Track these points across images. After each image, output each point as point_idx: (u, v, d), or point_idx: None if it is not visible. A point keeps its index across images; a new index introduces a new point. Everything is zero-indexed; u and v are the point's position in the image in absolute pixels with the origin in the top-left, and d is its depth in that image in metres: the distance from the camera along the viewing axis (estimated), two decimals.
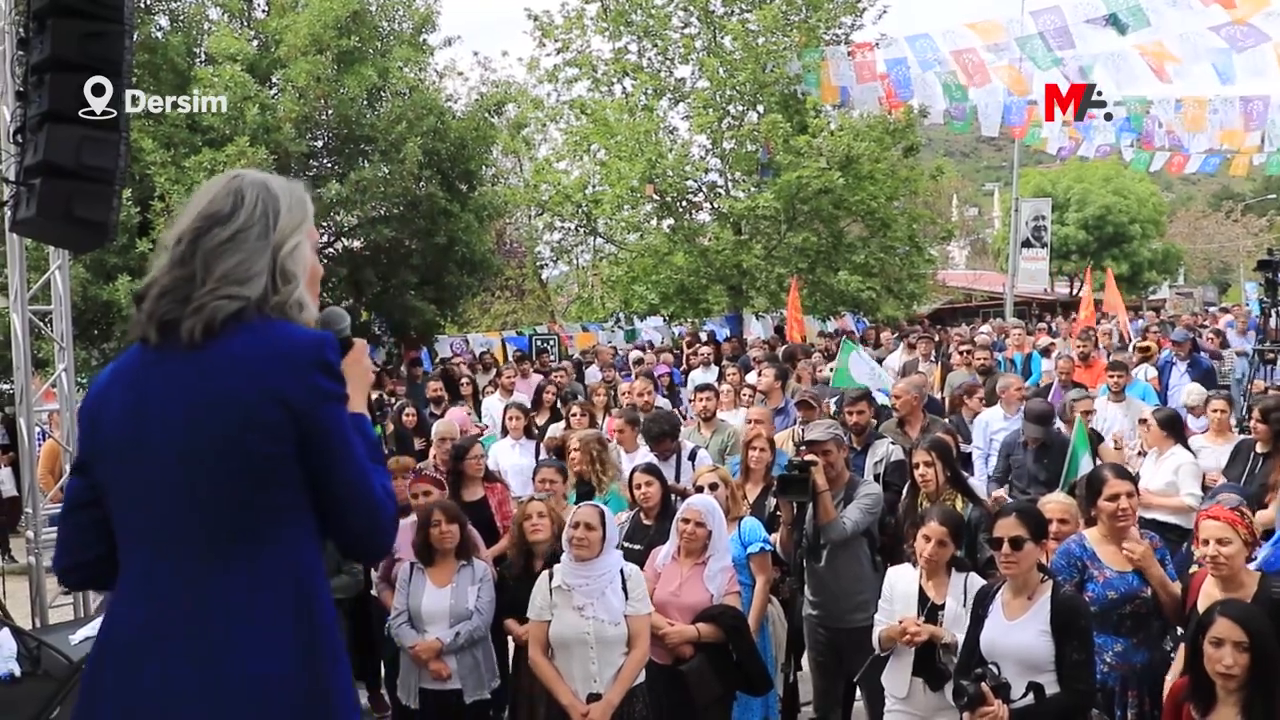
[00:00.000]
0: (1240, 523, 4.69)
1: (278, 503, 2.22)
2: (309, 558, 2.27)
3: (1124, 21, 16.82)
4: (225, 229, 2.29)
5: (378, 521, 2.30)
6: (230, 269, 2.25)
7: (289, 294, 2.32)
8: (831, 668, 6.11)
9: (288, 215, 2.37)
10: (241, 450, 2.17)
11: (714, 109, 22.49)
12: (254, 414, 2.16)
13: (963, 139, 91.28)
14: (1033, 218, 30.78)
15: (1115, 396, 9.78)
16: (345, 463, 2.25)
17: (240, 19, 17.47)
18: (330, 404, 2.25)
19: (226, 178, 2.40)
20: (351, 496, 2.26)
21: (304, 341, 2.25)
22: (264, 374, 2.19)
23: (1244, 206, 63.65)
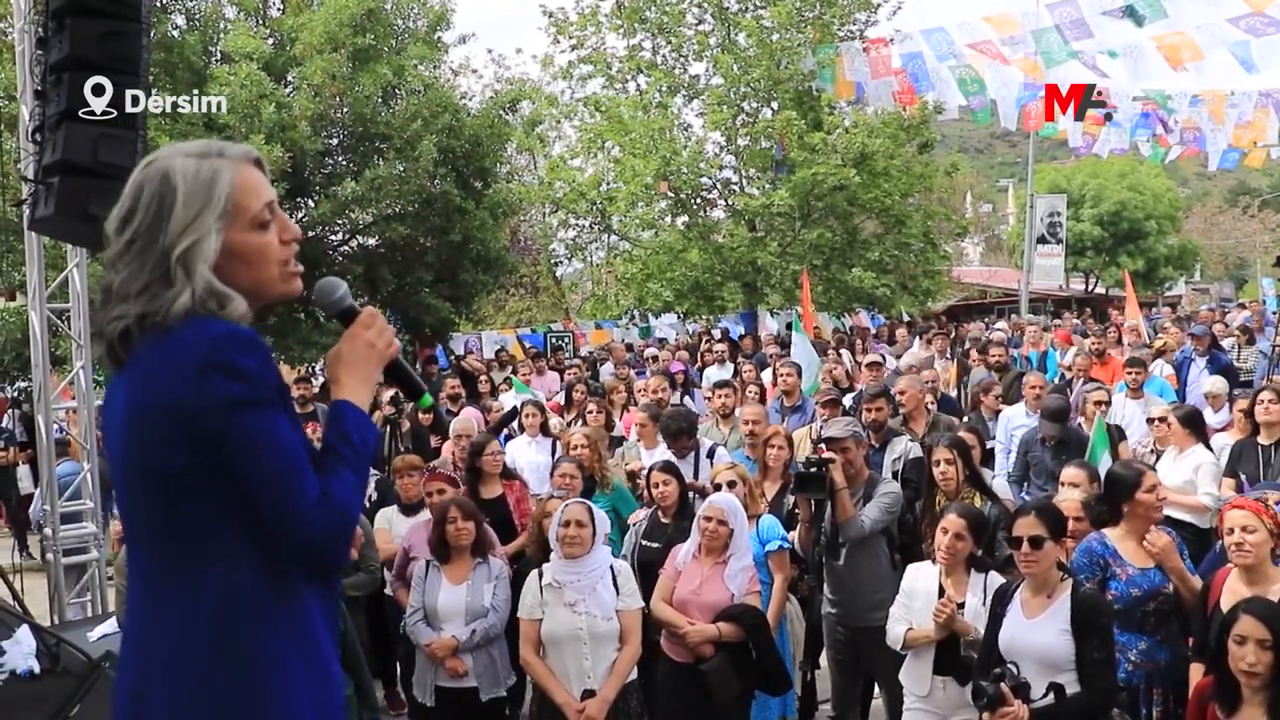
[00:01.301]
0: (1266, 513, 4.67)
1: (199, 521, 2.04)
2: (240, 578, 2.05)
3: (1141, 13, 16.71)
4: (120, 238, 2.11)
5: (304, 539, 2.05)
6: (117, 287, 2.09)
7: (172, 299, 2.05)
8: (850, 666, 6.09)
9: (182, 210, 2.09)
10: (154, 469, 2.03)
11: (728, 106, 22.45)
12: (156, 429, 2.01)
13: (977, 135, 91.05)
14: (1048, 214, 30.67)
15: (1133, 394, 9.74)
16: (255, 474, 2.02)
17: (256, 17, 17.52)
18: (227, 410, 1.99)
19: (140, 166, 2.19)
20: (269, 512, 2.03)
21: (194, 344, 2.01)
22: (159, 386, 2.01)
23: (1261, 202, 63.23)
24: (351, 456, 2.16)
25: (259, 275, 2.18)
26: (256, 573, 2.07)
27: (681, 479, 6.59)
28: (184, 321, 2.04)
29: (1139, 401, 9.65)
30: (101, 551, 8.39)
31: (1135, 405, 9.62)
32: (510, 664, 6.03)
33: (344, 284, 2.36)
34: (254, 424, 2.01)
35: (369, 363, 2.28)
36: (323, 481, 2.08)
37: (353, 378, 2.26)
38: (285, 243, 2.23)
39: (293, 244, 2.24)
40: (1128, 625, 4.93)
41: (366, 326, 2.29)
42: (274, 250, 2.20)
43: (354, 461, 2.16)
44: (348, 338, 2.28)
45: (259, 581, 2.07)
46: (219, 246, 2.11)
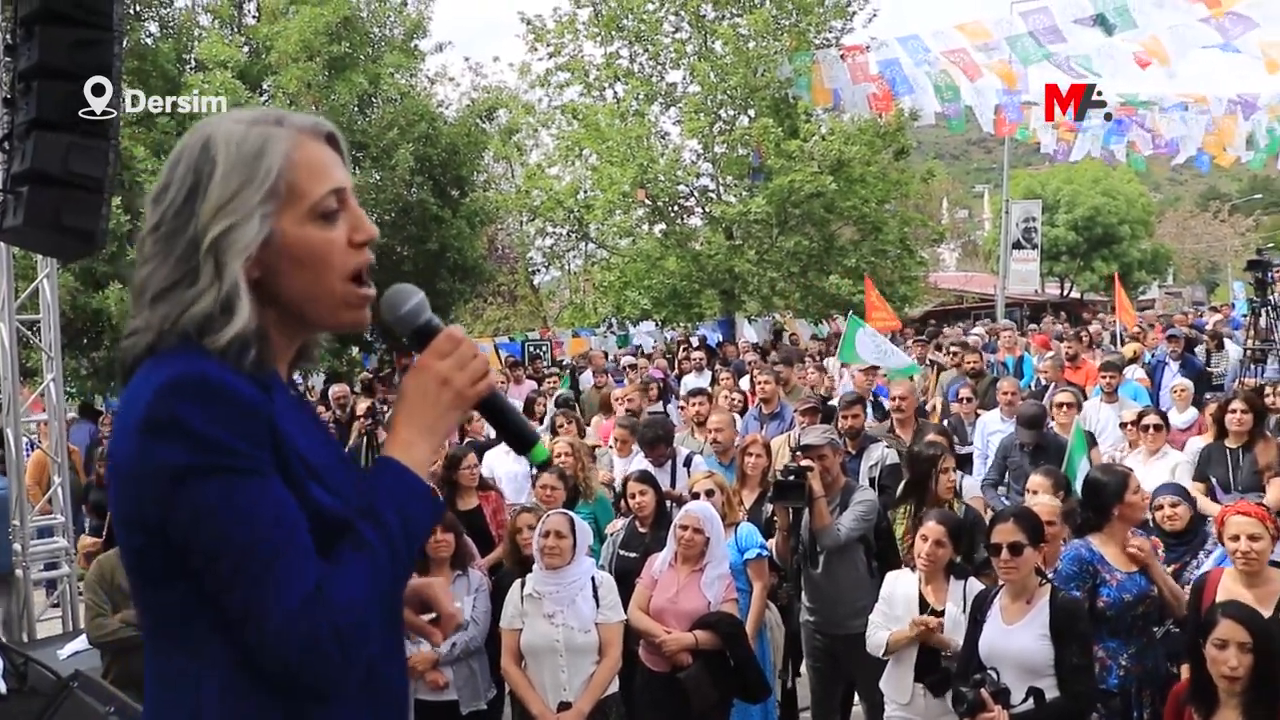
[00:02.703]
0: (1269, 517, 4.70)
1: (164, 605, 1.57)
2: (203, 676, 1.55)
3: (1111, 22, 16.83)
4: (148, 223, 1.63)
5: (275, 653, 1.49)
6: (138, 287, 1.62)
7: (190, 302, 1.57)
8: (829, 674, 6.08)
9: (220, 185, 1.58)
10: (122, 540, 1.60)
11: (705, 113, 22.49)
12: (115, 495, 1.57)
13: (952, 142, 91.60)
14: (1023, 219, 30.86)
15: (1108, 398, 9.79)
16: (211, 561, 1.49)
17: (231, 25, 17.47)
18: (168, 481, 1.48)
19: (186, 135, 1.67)
20: (234, 614, 1.50)
21: (149, 394, 1.50)
22: (117, 446, 1.56)
23: (1231, 206, 63.90)
24: (376, 541, 1.57)
25: (314, 285, 1.64)
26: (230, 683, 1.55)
27: (659, 488, 6.57)
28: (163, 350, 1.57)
29: (1113, 405, 9.70)
30: (73, 567, 8.30)
31: (1110, 409, 9.67)
32: (491, 676, 5.98)
33: (418, 293, 1.77)
34: (211, 498, 1.47)
35: (438, 406, 1.67)
36: (324, 571, 1.52)
37: (411, 425, 1.67)
38: (356, 245, 1.67)
39: (365, 249, 1.69)
40: (1118, 630, 4.95)
41: (441, 355, 1.68)
42: (338, 252, 1.64)
43: (378, 547, 1.56)
44: (414, 369, 1.70)
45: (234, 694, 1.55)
46: (262, 237, 1.58)
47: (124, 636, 5.64)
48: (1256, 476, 7.29)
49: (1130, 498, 5.14)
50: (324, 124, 1.71)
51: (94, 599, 5.73)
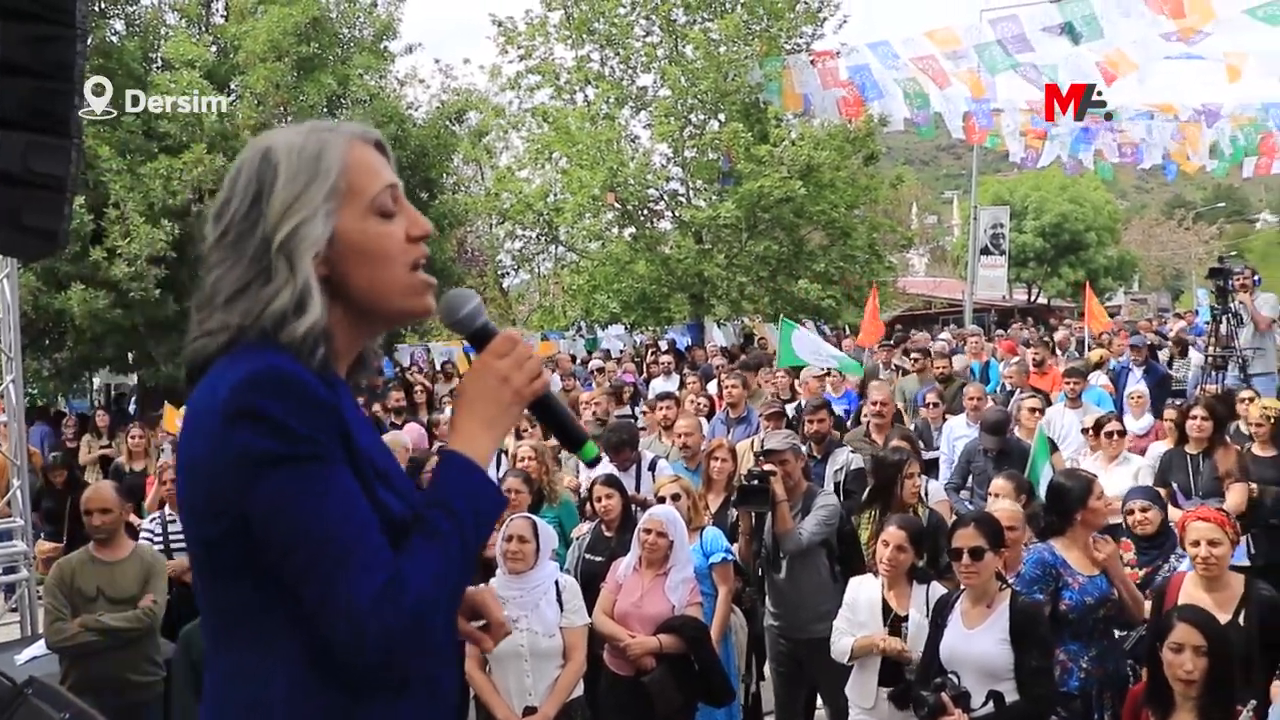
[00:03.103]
0: (1228, 523, 4.79)
1: (234, 598, 1.62)
2: (271, 671, 1.60)
3: (1079, 31, 16.99)
4: (213, 232, 1.70)
5: (352, 641, 1.52)
6: (209, 290, 1.68)
7: (266, 302, 1.64)
8: (792, 678, 6.10)
9: (285, 187, 1.66)
10: (193, 533, 1.65)
11: (676, 117, 22.52)
12: (187, 490, 1.64)
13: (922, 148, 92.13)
14: (991, 225, 31.03)
15: (1072, 403, 9.87)
16: (289, 552, 1.54)
17: (198, 24, 17.32)
18: (250, 470, 1.53)
19: (243, 151, 1.76)
20: (311, 603, 1.55)
21: (226, 384, 1.56)
22: (190, 438, 1.61)
23: (1195, 214, 64.73)
24: (449, 530, 1.62)
25: (381, 277, 1.71)
26: (298, 678, 1.59)
27: (624, 492, 6.57)
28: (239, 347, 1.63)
29: (1077, 411, 9.78)
30: (31, 571, 8.20)
31: (1074, 415, 9.75)
32: None
33: (476, 297, 1.85)
34: (290, 487, 1.53)
35: (499, 402, 1.74)
36: (397, 562, 1.56)
37: (473, 420, 1.73)
38: (413, 239, 1.75)
39: (422, 243, 1.77)
40: (1080, 634, 5.01)
41: (500, 354, 1.75)
42: (398, 245, 1.72)
43: (450, 536, 1.61)
44: (475, 368, 1.77)
45: (301, 689, 1.59)
46: (328, 233, 1.66)
47: (83, 641, 5.58)
48: (1216, 482, 7.38)
49: (1093, 503, 5.20)
50: (372, 132, 1.80)
51: (53, 603, 5.67)
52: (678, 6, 23.30)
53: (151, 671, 5.78)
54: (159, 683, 5.79)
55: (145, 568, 5.91)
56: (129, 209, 14.31)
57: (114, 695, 5.57)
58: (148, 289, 14.31)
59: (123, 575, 5.82)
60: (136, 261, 14.17)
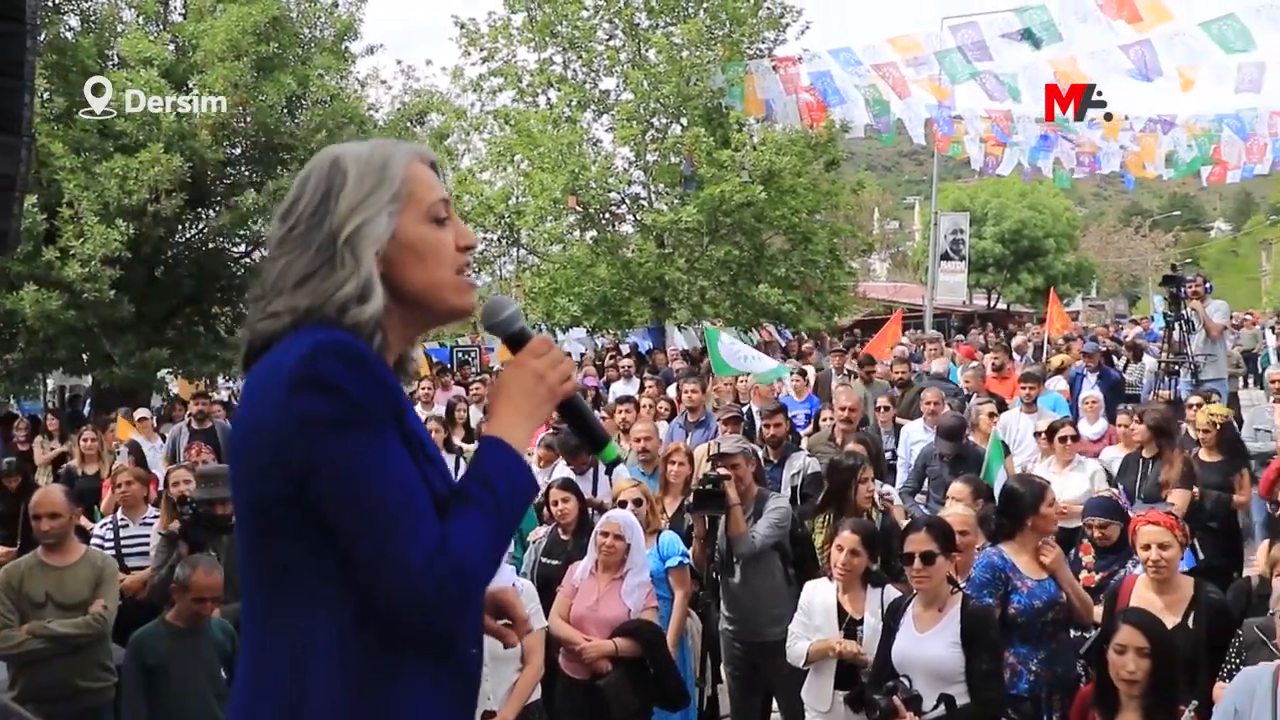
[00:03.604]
0: (1177, 526, 4.87)
1: (285, 558, 1.73)
2: (320, 644, 1.70)
3: (1038, 36, 17.17)
4: (282, 228, 1.87)
5: (409, 594, 1.65)
6: (275, 276, 1.83)
7: (333, 290, 1.79)
8: (748, 682, 6.11)
9: (354, 187, 1.84)
10: (247, 496, 1.77)
11: (638, 121, 22.53)
12: (247, 451, 1.75)
13: (884, 153, 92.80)
14: (951, 231, 31.26)
15: (1028, 408, 9.96)
16: (351, 508, 1.67)
17: (156, 21, 17.11)
18: (314, 431, 1.67)
19: (311, 160, 1.95)
20: (367, 558, 1.67)
21: (294, 354, 1.71)
22: (255, 402, 1.75)
23: (1151, 222, 65.61)
24: (489, 501, 1.76)
25: (433, 276, 1.88)
26: (343, 639, 1.71)
27: (581, 496, 6.57)
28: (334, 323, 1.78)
29: (1033, 416, 9.88)
30: None
31: (1029, 419, 9.84)
32: None
33: (514, 303, 2.06)
34: (350, 449, 1.67)
35: (535, 397, 1.90)
36: (444, 527, 1.70)
37: (512, 411, 1.89)
38: (461, 249, 1.93)
39: (468, 253, 1.95)
40: (1029, 637, 5.07)
41: (537, 355, 1.93)
42: (449, 250, 1.90)
43: (490, 508, 1.75)
44: (513, 365, 1.95)
45: (346, 649, 1.71)
46: (390, 231, 1.84)
47: (31, 649, 5.50)
48: (1157, 487, 7.49)
49: (1045, 510, 5.26)
50: (429, 152, 1.99)
51: (0, 610, 5.58)
52: (641, 10, 23.31)
53: (102, 677, 5.70)
54: (110, 688, 5.71)
55: (96, 572, 5.82)
56: (83, 208, 14.12)
57: (64, 702, 5.50)
58: (102, 290, 14.11)
59: (72, 580, 5.73)
60: (91, 262, 13.97)
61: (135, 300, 15.09)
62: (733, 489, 5.86)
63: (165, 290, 16.77)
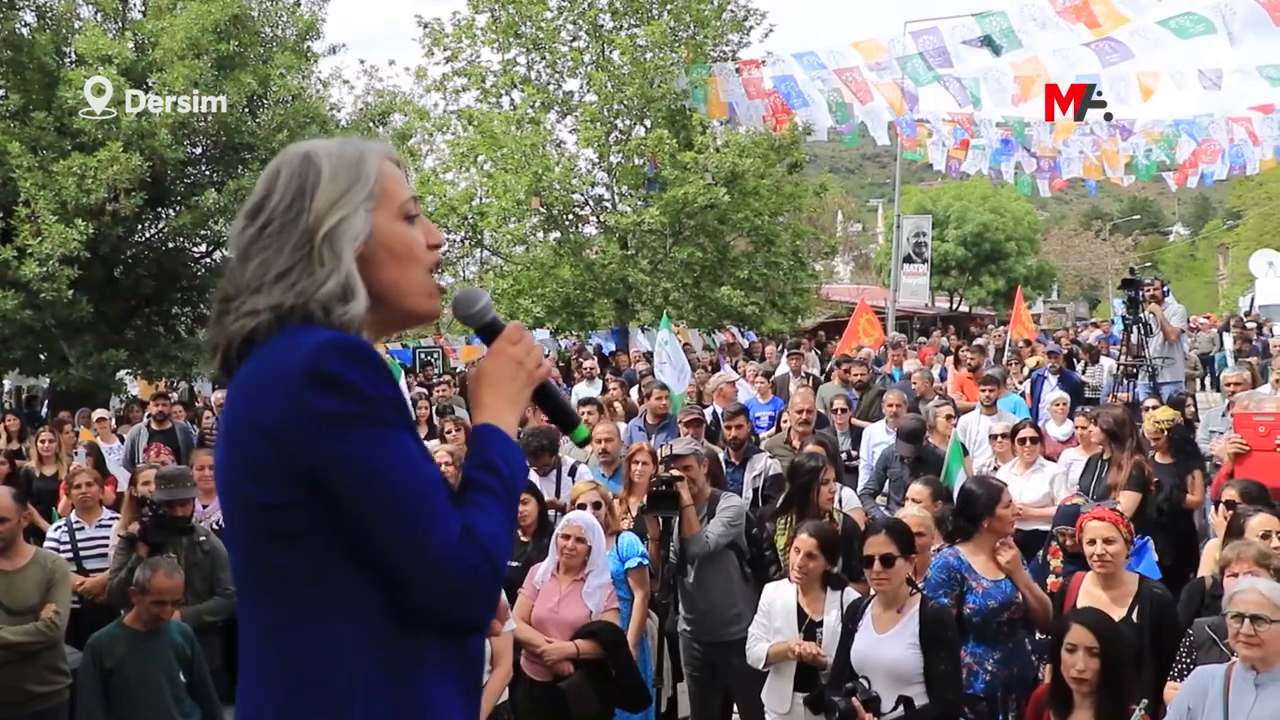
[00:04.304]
0: (1122, 522, 4.98)
1: (295, 565, 1.69)
2: (342, 643, 1.68)
3: (998, 43, 17.33)
4: (253, 225, 1.81)
5: (443, 584, 1.66)
6: (250, 275, 1.77)
7: (314, 288, 1.75)
8: (707, 682, 6.13)
9: (329, 184, 1.80)
10: (244, 499, 1.71)
11: (601, 123, 22.55)
12: (244, 454, 1.70)
13: (848, 156, 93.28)
14: (914, 234, 31.50)
15: (988, 410, 10.03)
16: (374, 506, 1.65)
17: (115, 19, 16.93)
18: (330, 430, 1.64)
19: (278, 157, 1.90)
20: (396, 554, 1.66)
21: (302, 352, 1.67)
22: (255, 402, 1.69)
23: (1112, 226, 66.36)
24: (499, 487, 1.80)
25: (404, 276, 1.86)
26: (364, 637, 1.69)
27: (541, 497, 6.57)
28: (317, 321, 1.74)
29: (993, 418, 9.95)
30: None
31: (989, 421, 9.92)
32: None
33: (485, 294, 2.06)
34: (368, 445, 1.66)
35: (517, 382, 1.93)
36: (462, 516, 1.71)
37: (499, 398, 1.92)
38: (430, 247, 1.92)
39: (436, 252, 1.94)
40: (984, 637, 5.10)
41: (513, 342, 1.95)
42: (421, 249, 1.89)
43: (501, 493, 1.80)
44: (493, 354, 1.96)
45: (367, 648, 1.69)
46: (369, 228, 1.81)
47: None
48: (1108, 489, 7.59)
49: (1000, 511, 5.31)
50: (393, 151, 1.96)
51: None
52: (605, 12, 23.36)
53: (55, 680, 5.61)
54: (64, 690, 5.63)
55: (45, 576, 5.72)
56: (40, 207, 13.96)
57: (16, 709, 5.42)
58: (60, 289, 13.95)
59: (21, 584, 5.63)
60: (48, 261, 13.81)
61: (93, 300, 14.92)
62: (686, 490, 5.87)
63: (124, 290, 16.62)
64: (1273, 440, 6.52)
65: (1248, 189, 48.78)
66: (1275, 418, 6.70)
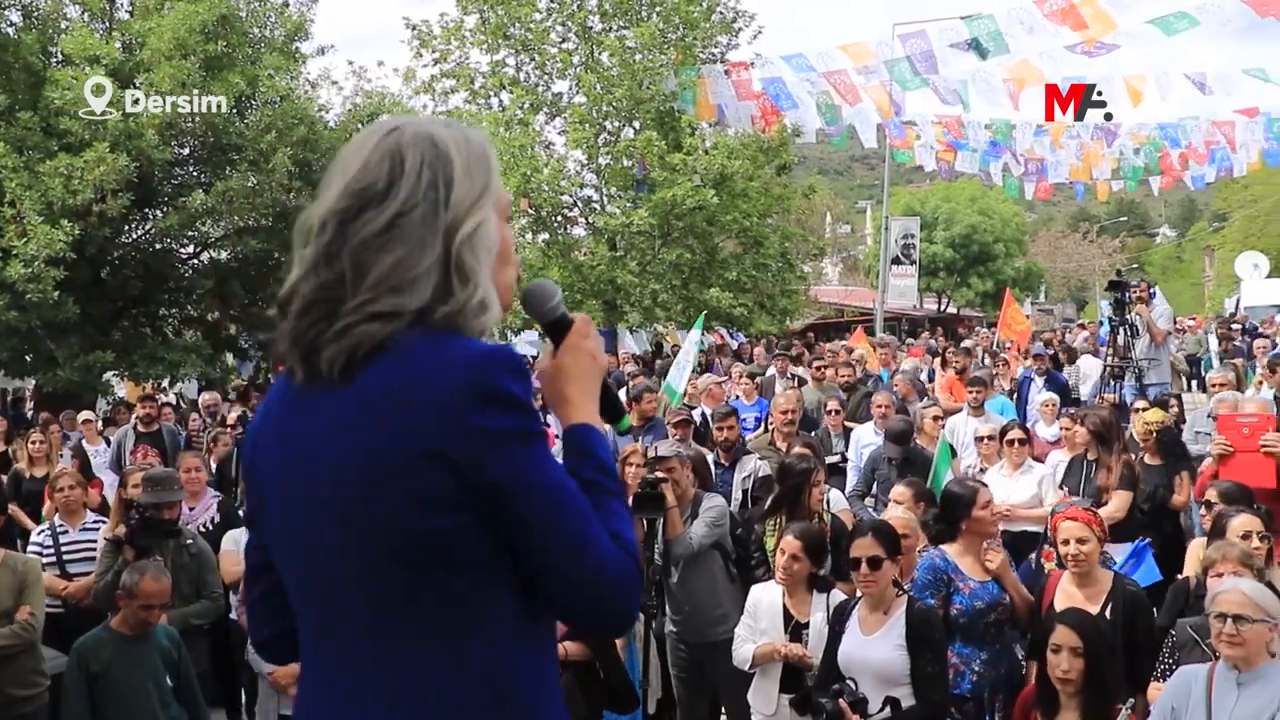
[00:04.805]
0: (1095, 521, 5.03)
1: (461, 589, 1.64)
2: (511, 651, 1.68)
3: (985, 46, 17.42)
4: (380, 213, 1.66)
5: (603, 590, 1.66)
6: (386, 272, 1.64)
7: (465, 299, 1.68)
8: (694, 683, 6.12)
9: (464, 182, 1.70)
10: (399, 529, 1.61)
11: (590, 124, 22.56)
12: (405, 480, 1.60)
13: (837, 158, 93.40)
14: (902, 236, 31.58)
15: (975, 412, 10.06)
16: (544, 522, 1.63)
17: (102, 19, 16.88)
18: (505, 447, 1.61)
19: (380, 132, 1.73)
20: (568, 568, 1.64)
21: (459, 367, 1.61)
22: (410, 423, 1.59)
23: (1099, 228, 66.58)
24: (617, 488, 1.79)
25: (507, 278, 1.80)
26: (519, 639, 1.69)
27: None
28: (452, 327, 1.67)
29: (980, 419, 9.98)
30: None
31: (976, 423, 9.94)
32: None
33: (558, 289, 1.99)
34: (536, 459, 1.64)
35: (596, 375, 1.90)
36: (602, 520, 1.69)
37: (584, 395, 1.87)
38: None
39: None
40: (971, 637, 5.12)
41: (585, 336, 1.91)
42: (512, 253, 1.84)
43: (621, 494, 1.79)
44: (570, 349, 1.89)
45: (521, 648, 1.70)
46: (498, 236, 1.74)
47: None
48: (1099, 491, 7.63)
49: (978, 513, 5.33)
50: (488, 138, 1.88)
51: None
52: (594, 14, 23.37)
53: (35, 683, 5.59)
54: (44, 693, 5.61)
55: (18, 579, 5.66)
56: (26, 208, 13.91)
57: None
58: (46, 290, 13.90)
59: None
60: (34, 262, 13.77)
61: (80, 301, 14.87)
62: (670, 491, 5.87)
63: (111, 291, 16.57)
64: (1256, 441, 6.54)
65: (1233, 191, 49.06)
66: (1259, 419, 6.73)
